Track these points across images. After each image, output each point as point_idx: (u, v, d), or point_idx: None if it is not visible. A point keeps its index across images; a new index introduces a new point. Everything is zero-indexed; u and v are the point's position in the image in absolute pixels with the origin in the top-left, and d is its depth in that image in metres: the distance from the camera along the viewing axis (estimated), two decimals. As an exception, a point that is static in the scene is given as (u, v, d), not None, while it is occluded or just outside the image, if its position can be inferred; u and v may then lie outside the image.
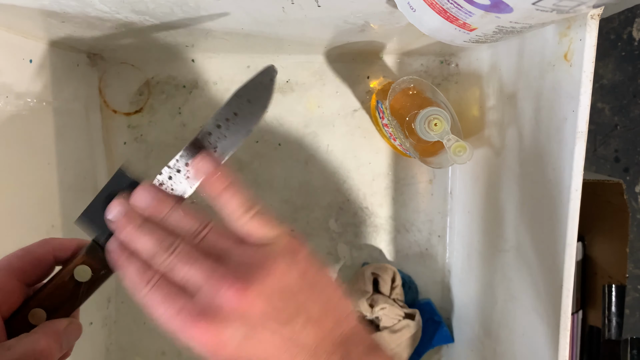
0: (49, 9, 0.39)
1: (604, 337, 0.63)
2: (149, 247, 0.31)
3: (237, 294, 0.28)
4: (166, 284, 0.30)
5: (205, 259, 0.30)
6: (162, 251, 0.31)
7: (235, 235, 0.32)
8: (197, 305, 0.28)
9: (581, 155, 0.35)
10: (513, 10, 0.29)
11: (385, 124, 0.57)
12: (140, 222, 0.32)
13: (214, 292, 0.28)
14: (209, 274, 0.29)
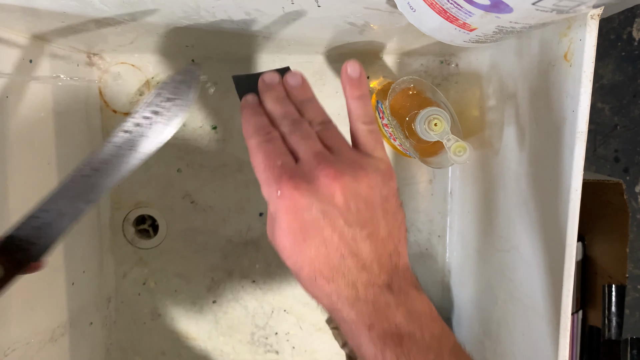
0: (49, 9, 0.39)
1: (604, 337, 0.63)
2: (278, 112, 0.35)
3: (334, 176, 0.30)
4: (279, 142, 0.33)
5: (320, 142, 0.33)
6: (288, 119, 0.34)
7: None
8: (298, 169, 0.31)
9: (581, 155, 0.35)
10: (513, 11, 0.29)
11: (385, 124, 0.57)
12: (282, 94, 0.36)
13: (316, 165, 0.31)
14: (318, 152, 0.32)
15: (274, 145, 0.32)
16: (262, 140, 0.33)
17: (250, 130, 0.34)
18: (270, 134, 0.33)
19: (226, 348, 0.67)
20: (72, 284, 0.56)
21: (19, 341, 0.47)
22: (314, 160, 0.31)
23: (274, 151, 0.32)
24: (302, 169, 0.31)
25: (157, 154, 0.62)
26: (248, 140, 0.33)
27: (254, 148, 0.33)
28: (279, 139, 0.33)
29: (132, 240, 0.64)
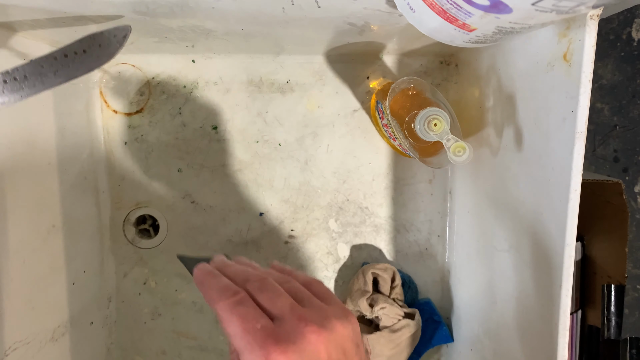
0: (49, 9, 0.39)
1: (603, 336, 0.63)
2: (241, 273, 0.34)
3: (318, 332, 0.29)
4: (251, 302, 0.31)
5: (289, 297, 0.32)
6: (253, 277, 0.33)
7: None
8: (279, 330, 0.29)
9: (580, 155, 0.35)
10: (512, 11, 0.29)
11: (385, 124, 0.57)
12: (235, 263, 0.37)
13: (297, 323, 0.29)
14: (293, 307, 0.31)
15: (247, 306, 0.30)
16: (233, 302, 0.30)
17: (215, 294, 0.31)
18: (239, 294, 0.31)
19: (226, 348, 0.67)
20: (73, 283, 0.56)
21: (19, 340, 0.47)
22: (293, 318, 0.30)
23: (249, 313, 0.30)
24: (283, 328, 0.29)
25: (157, 154, 0.63)
26: (214, 305, 0.31)
27: (225, 312, 0.30)
28: (249, 299, 0.31)
29: (132, 240, 0.64)
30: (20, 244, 0.47)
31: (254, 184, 0.64)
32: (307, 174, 0.64)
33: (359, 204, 0.66)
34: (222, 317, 0.30)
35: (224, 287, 0.32)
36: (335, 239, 0.66)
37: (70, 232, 0.55)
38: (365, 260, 0.67)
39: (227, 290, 0.31)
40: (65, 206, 0.54)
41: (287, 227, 0.65)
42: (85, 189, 0.59)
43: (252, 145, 0.64)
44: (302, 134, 0.64)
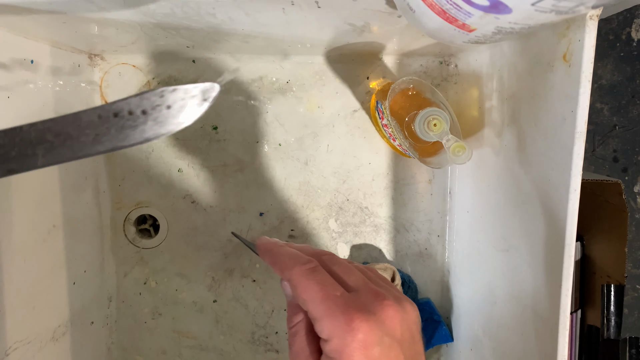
0: (50, 10, 0.39)
1: (603, 336, 0.63)
2: (305, 247, 0.33)
3: (396, 308, 0.29)
4: (324, 271, 0.31)
5: (361, 273, 0.32)
6: (320, 251, 0.33)
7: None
8: (356, 300, 0.29)
9: (580, 155, 0.35)
10: (512, 11, 0.29)
11: (385, 125, 0.57)
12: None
13: (375, 296, 0.29)
14: (367, 282, 0.30)
15: (323, 274, 0.30)
16: (309, 269, 0.30)
17: (288, 261, 0.31)
18: (312, 262, 0.31)
19: (226, 347, 0.67)
20: (74, 283, 0.56)
21: (20, 340, 0.47)
22: (370, 292, 0.30)
23: (327, 280, 0.29)
24: (361, 299, 0.29)
25: (157, 154, 0.63)
26: (287, 271, 0.31)
27: (302, 278, 0.30)
28: (322, 268, 0.31)
29: (133, 240, 0.64)
30: (21, 244, 0.47)
31: (254, 184, 0.64)
32: (307, 174, 0.65)
33: (359, 203, 0.66)
34: (298, 282, 0.30)
35: (296, 255, 0.32)
36: (335, 239, 0.66)
37: (70, 232, 0.55)
38: (365, 260, 0.67)
39: (301, 258, 0.31)
40: (65, 206, 0.54)
41: (287, 227, 0.65)
42: (85, 188, 0.59)
43: (252, 145, 0.64)
44: (302, 134, 0.64)
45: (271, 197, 0.65)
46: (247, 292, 0.66)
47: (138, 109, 0.26)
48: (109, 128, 0.26)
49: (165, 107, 0.26)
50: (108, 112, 0.26)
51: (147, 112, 0.26)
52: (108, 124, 0.26)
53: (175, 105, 0.26)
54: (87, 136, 0.26)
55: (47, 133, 0.25)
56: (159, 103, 0.26)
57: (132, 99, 0.26)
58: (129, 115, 0.26)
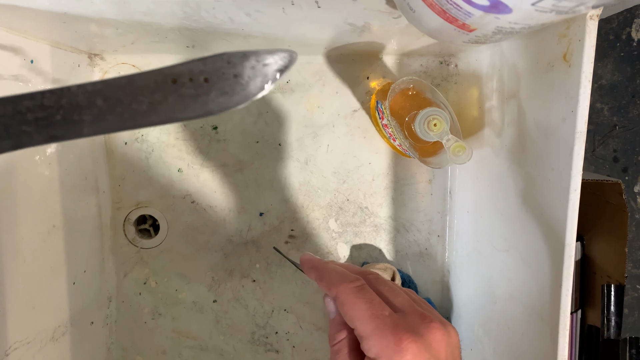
0: (50, 9, 0.39)
1: (603, 336, 0.63)
2: (350, 266, 0.34)
3: (442, 332, 0.29)
4: (371, 290, 0.31)
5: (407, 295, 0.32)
6: (366, 271, 0.33)
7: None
8: (404, 320, 0.29)
9: (580, 155, 0.35)
10: (512, 11, 0.29)
11: (385, 124, 0.57)
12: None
13: (421, 318, 0.29)
14: (413, 304, 0.31)
15: (371, 293, 0.30)
16: (357, 287, 0.30)
17: (335, 278, 0.31)
18: (359, 281, 0.31)
19: (227, 347, 0.67)
20: (73, 283, 0.56)
21: (20, 340, 0.47)
22: (416, 313, 0.30)
23: (375, 299, 0.30)
24: (408, 321, 0.29)
25: (157, 154, 0.63)
26: (334, 288, 0.31)
27: (349, 295, 0.30)
28: (369, 287, 0.31)
29: (133, 240, 0.64)
30: (21, 244, 0.47)
31: (254, 184, 0.64)
32: (307, 174, 0.65)
33: (359, 203, 0.66)
34: (346, 299, 0.30)
35: (343, 273, 0.32)
36: (335, 239, 0.66)
37: (70, 232, 0.55)
38: (365, 260, 0.67)
39: (348, 275, 0.31)
40: (65, 206, 0.54)
41: (287, 227, 0.65)
42: (85, 188, 0.59)
43: (252, 145, 0.64)
44: (302, 134, 0.64)
45: (271, 197, 0.65)
46: (247, 292, 0.66)
47: (201, 75, 0.22)
48: (166, 96, 0.22)
49: (233, 76, 0.23)
50: (166, 77, 0.22)
51: (210, 79, 0.23)
52: (165, 91, 0.22)
53: (245, 74, 0.23)
54: (140, 103, 0.22)
55: (97, 97, 0.22)
56: (225, 70, 0.23)
57: (195, 63, 0.22)
58: (190, 82, 0.23)
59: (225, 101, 0.23)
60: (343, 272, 0.32)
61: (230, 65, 0.22)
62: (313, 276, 0.33)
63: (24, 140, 0.22)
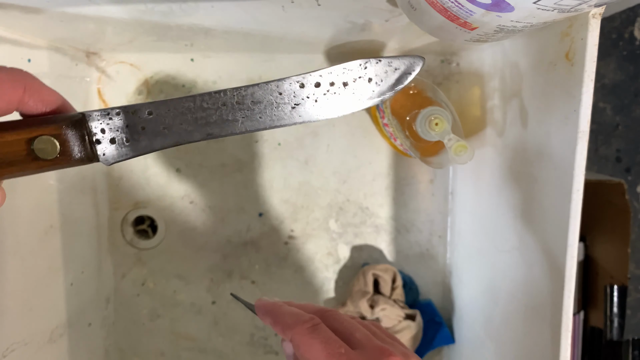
0: (47, 8, 0.39)
1: (606, 338, 0.63)
2: (305, 305, 0.33)
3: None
4: (327, 329, 0.30)
5: (364, 329, 0.31)
6: (322, 309, 0.32)
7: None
8: (361, 357, 0.28)
9: (583, 155, 0.35)
10: (514, 10, 0.29)
11: (386, 124, 0.57)
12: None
13: (380, 352, 0.29)
14: (371, 338, 0.30)
15: (326, 332, 0.30)
16: (311, 327, 0.30)
17: (290, 320, 0.31)
18: (314, 320, 0.30)
19: (225, 349, 0.66)
20: (71, 284, 0.56)
21: (17, 342, 0.46)
22: (375, 348, 0.29)
23: (331, 338, 0.29)
24: (367, 356, 0.28)
25: (155, 154, 0.62)
26: (289, 330, 0.30)
27: (304, 337, 0.29)
28: (325, 326, 0.30)
29: (131, 241, 0.64)
30: (18, 245, 0.47)
31: (254, 184, 0.64)
32: (307, 173, 0.64)
33: (360, 204, 0.65)
34: (301, 341, 0.29)
35: (298, 313, 0.31)
36: (335, 240, 0.66)
37: (68, 233, 0.55)
38: (366, 261, 0.66)
39: (302, 316, 0.31)
40: (63, 206, 0.54)
41: (287, 228, 0.65)
42: (83, 189, 0.58)
43: (252, 145, 0.63)
44: (302, 133, 0.63)
45: (271, 197, 0.64)
46: (246, 293, 0.66)
47: (339, 79, 0.26)
48: (308, 98, 0.26)
49: (368, 80, 0.26)
50: (310, 81, 0.26)
51: (348, 83, 0.26)
52: (309, 94, 0.26)
53: (377, 78, 0.26)
54: (286, 105, 0.26)
55: (249, 98, 0.26)
56: (361, 75, 0.26)
57: (336, 69, 0.26)
58: (330, 86, 0.26)
59: (360, 103, 0.26)
60: (297, 313, 0.31)
61: (366, 71, 0.26)
62: (268, 321, 0.33)
63: (184, 137, 0.26)
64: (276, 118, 0.26)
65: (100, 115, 0.26)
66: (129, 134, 0.26)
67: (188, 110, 0.26)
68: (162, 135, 0.26)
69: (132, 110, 0.25)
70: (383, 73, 0.26)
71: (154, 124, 0.26)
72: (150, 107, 0.25)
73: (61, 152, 0.25)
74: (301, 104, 0.26)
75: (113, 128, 0.26)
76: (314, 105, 0.26)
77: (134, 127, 0.25)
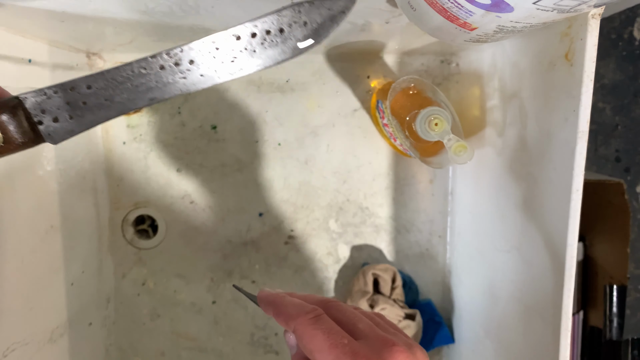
0: (48, 8, 0.39)
1: (605, 337, 0.63)
2: (309, 296, 0.33)
3: (406, 355, 0.28)
4: (330, 319, 0.30)
5: (368, 320, 0.31)
6: (326, 299, 0.32)
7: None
8: (366, 347, 0.28)
9: (582, 155, 0.35)
10: (514, 10, 0.29)
11: (386, 124, 0.57)
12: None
13: (383, 343, 0.28)
14: (374, 328, 0.30)
15: (329, 322, 0.29)
16: (313, 318, 0.29)
17: (293, 310, 0.31)
18: (316, 311, 0.30)
19: (226, 349, 0.66)
20: (72, 284, 0.56)
21: (18, 341, 0.46)
22: (378, 338, 0.29)
23: (333, 328, 0.29)
24: (369, 346, 0.28)
25: (156, 154, 0.62)
26: (292, 321, 0.30)
27: (307, 327, 0.29)
28: (327, 316, 0.30)
29: (131, 241, 0.64)
30: (19, 245, 0.47)
31: (254, 184, 0.64)
32: (307, 174, 0.64)
33: (359, 204, 0.65)
34: (304, 332, 0.29)
35: (300, 304, 0.31)
36: (335, 240, 0.66)
37: (68, 233, 0.55)
38: (366, 260, 0.66)
39: (305, 307, 0.30)
40: (63, 206, 0.54)
41: (287, 228, 0.65)
42: (83, 189, 0.58)
43: (252, 145, 0.63)
44: (302, 133, 0.63)
45: (271, 197, 0.64)
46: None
47: (275, 27, 0.26)
48: (246, 50, 0.26)
49: (303, 23, 0.26)
50: (246, 32, 0.26)
51: (284, 30, 0.26)
52: (246, 45, 0.26)
53: (314, 20, 0.26)
54: (225, 59, 0.26)
55: (186, 58, 0.26)
56: (296, 20, 0.26)
57: (270, 16, 0.25)
58: (267, 35, 0.26)
59: (299, 45, 0.26)
60: (300, 304, 0.31)
61: (301, 14, 0.26)
62: (271, 312, 0.33)
63: (127, 105, 0.26)
64: (217, 74, 0.26)
65: (36, 95, 0.25)
66: (71, 110, 0.26)
67: (126, 79, 0.26)
68: (104, 107, 0.26)
69: (69, 87, 0.25)
70: (318, 15, 0.26)
71: (95, 98, 0.26)
72: (89, 81, 0.26)
73: (5, 140, 0.25)
74: (239, 57, 0.26)
75: (53, 107, 0.25)
76: (252, 56, 0.26)
77: (74, 103, 0.26)
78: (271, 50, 0.26)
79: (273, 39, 0.26)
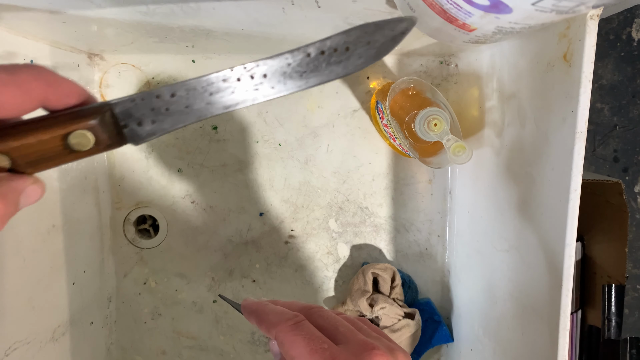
0: (49, 9, 0.39)
1: (603, 336, 0.63)
2: (291, 303, 0.33)
3: (386, 358, 0.28)
4: (311, 325, 0.30)
5: (349, 324, 0.32)
6: (307, 306, 0.33)
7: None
8: (345, 352, 0.28)
9: (580, 155, 0.35)
10: (512, 11, 0.29)
11: (385, 124, 0.57)
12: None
13: (363, 347, 0.29)
14: (355, 333, 0.30)
15: (309, 328, 0.30)
16: (294, 324, 0.30)
17: (274, 318, 0.31)
18: (297, 317, 0.30)
19: (226, 347, 0.67)
20: (73, 283, 0.56)
21: (20, 340, 0.47)
22: (359, 343, 0.29)
23: (314, 334, 0.29)
24: (349, 351, 0.28)
25: (157, 154, 0.63)
26: (274, 328, 0.30)
27: (288, 334, 0.29)
28: (309, 322, 0.30)
29: (132, 240, 0.64)
30: (21, 244, 0.47)
31: (254, 184, 0.64)
32: (307, 174, 0.64)
33: (359, 203, 0.66)
34: (284, 339, 0.29)
35: (281, 312, 0.31)
36: (335, 239, 0.66)
37: (70, 232, 0.55)
38: (365, 260, 0.67)
39: (286, 314, 0.31)
40: (65, 206, 0.54)
41: (287, 227, 0.65)
42: (85, 188, 0.59)
43: (252, 145, 0.64)
44: (302, 134, 0.64)
45: (271, 197, 0.65)
46: (247, 292, 0.66)
47: (343, 45, 0.28)
48: (317, 65, 0.28)
49: (366, 43, 0.28)
50: (317, 50, 0.28)
51: (350, 48, 0.28)
52: (317, 61, 0.28)
53: (377, 41, 0.28)
54: (296, 74, 0.28)
55: (258, 74, 0.28)
56: (362, 39, 0.28)
57: (339, 36, 0.28)
58: (335, 52, 0.28)
59: (362, 62, 0.28)
60: (281, 311, 0.32)
61: (367, 35, 0.28)
62: (254, 321, 0.33)
63: (204, 113, 0.28)
64: (285, 87, 0.28)
65: (125, 102, 0.27)
66: (154, 115, 0.28)
67: (206, 88, 0.29)
68: (184, 113, 0.28)
69: (156, 95, 0.27)
70: (381, 36, 0.28)
71: (176, 105, 0.28)
72: (173, 90, 0.28)
73: (95, 142, 0.27)
74: (307, 71, 0.28)
75: (139, 112, 0.27)
76: (318, 71, 0.28)
77: (158, 109, 0.28)
78: (335, 67, 0.28)
79: (338, 57, 0.28)
